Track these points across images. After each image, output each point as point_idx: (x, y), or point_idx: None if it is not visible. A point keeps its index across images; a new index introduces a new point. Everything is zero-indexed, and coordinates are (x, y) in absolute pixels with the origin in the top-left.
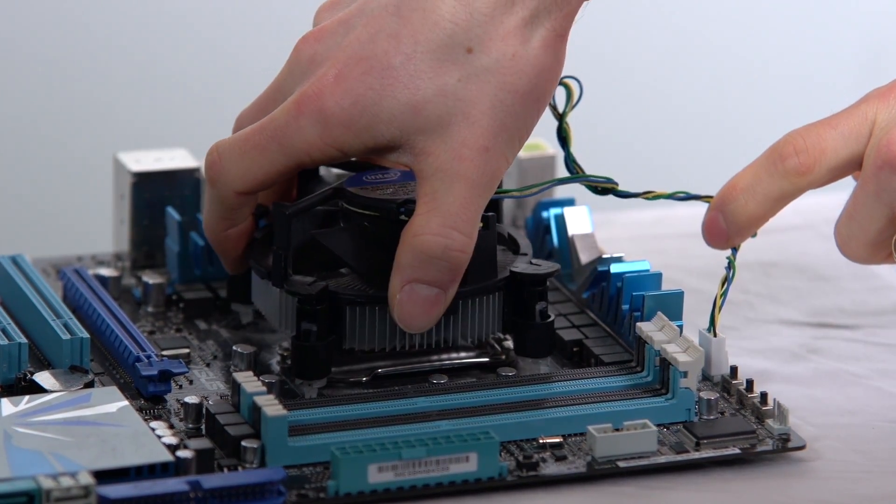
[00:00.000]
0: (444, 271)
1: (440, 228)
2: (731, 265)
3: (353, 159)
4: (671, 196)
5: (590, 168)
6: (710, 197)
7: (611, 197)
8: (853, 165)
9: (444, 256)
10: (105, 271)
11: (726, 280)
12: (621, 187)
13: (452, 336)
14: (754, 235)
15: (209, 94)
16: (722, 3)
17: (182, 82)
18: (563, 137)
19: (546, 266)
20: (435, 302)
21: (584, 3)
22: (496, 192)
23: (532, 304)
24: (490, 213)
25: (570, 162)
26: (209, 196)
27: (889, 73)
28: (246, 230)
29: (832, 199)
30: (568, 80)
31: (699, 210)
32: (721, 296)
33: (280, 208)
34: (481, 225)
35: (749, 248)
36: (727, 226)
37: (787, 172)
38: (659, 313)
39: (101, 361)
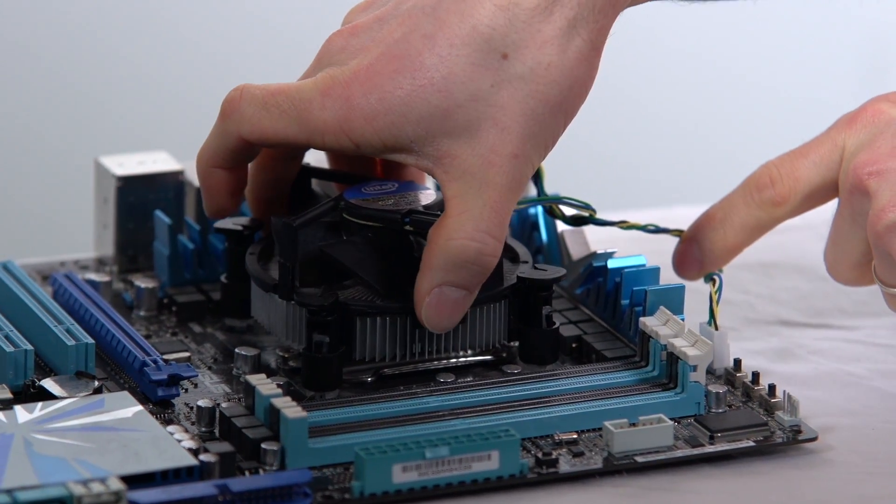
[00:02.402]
0: (475, 275)
1: (474, 233)
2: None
3: (337, 170)
4: (643, 228)
5: (574, 189)
6: (680, 231)
7: (608, 198)
8: (828, 192)
9: (477, 261)
10: (95, 276)
11: (714, 283)
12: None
13: (460, 344)
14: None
15: (187, 96)
16: (719, 14)
17: (160, 85)
18: (537, 173)
19: (552, 271)
20: (462, 303)
21: (619, 16)
22: None
23: (538, 309)
24: None
25: (542, 197)
26: (216, 128)
27: (888, 81)
28: (234, 177)
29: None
30: None
31: (699, 211)
32: (716, 292)
33: (285, 221)
34: None
35: (749, 248)
36: (703, 255)
37: (763, 203)
38: (661, 307)
39: (103, 367)
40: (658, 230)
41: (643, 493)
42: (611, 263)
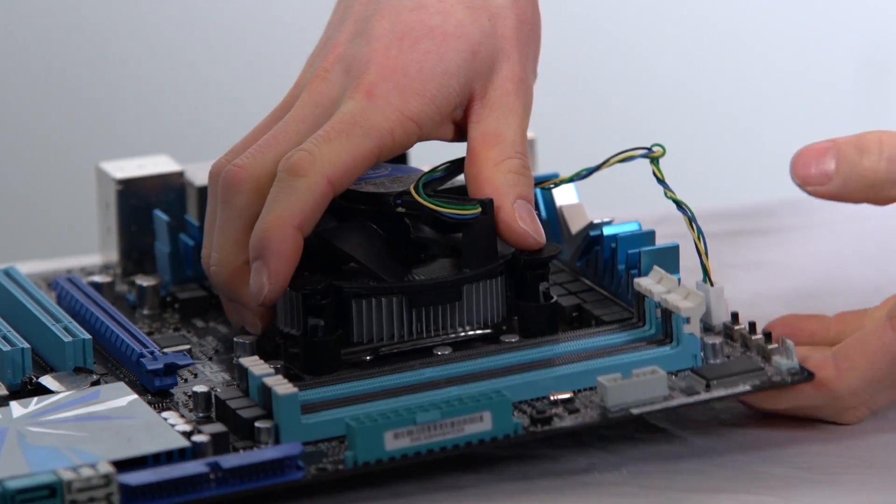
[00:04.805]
0: (531, 188)
1: (515, 153)
2: (679, 204)
3: None
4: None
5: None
6: (626, 153)
7: (613, 195)
8: None
9: (527, 174)
10: (98, 278)
11: (691, 221)
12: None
13: (459, 322)
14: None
15: (189, 102)
16: (718, 3)
17: (163, 90)
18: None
19: (548, 248)
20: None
21: None
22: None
23: (535, 285)
24: (489, 199)
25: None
26: (291, 190)
27: (887, 73)
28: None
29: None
30: None
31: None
32: (699, 238)
33: None
34: (479, 210)
35: (748, 248)
36: (840, 174)
37: None
38: (655, 267)
39: (103, 363)
40: (591, 171)
41: (643, 492)
42: (606, 230)
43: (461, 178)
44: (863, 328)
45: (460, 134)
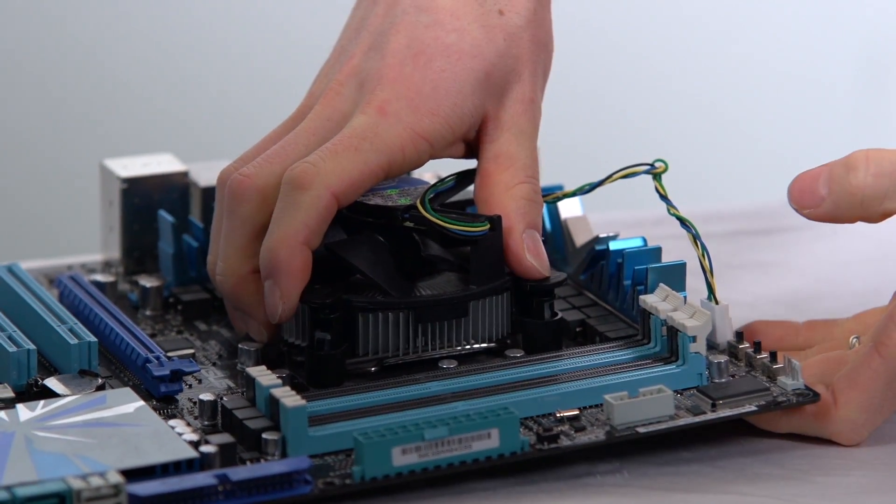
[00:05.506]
0: (540, 214)
1: (527, 178)
2: (684, 222)
3: None
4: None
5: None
6: (632, 169)
7: (616, 197)
8: None
9: (538, 200)
10: (100, 277)
11: (695, 239)
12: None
13: (464, 336)
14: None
15: (192, 100)
16: (718, 3)
17: (165, 88)
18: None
19: (553, 276)
20: (541, 243)
21: None
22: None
23: (540, 306)
24: (497, 215)
25: None
26: (296, 204)
27: (887, 73)
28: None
29: None
30: None
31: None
32: (703, 256)
33: None
34: (487, 226)
35: (749, 249)
36: (831, 193)
37: None
38: (661, 284)
39: (107, 365)
40: (594, 186)
41: (644, 493)
42: (612, 245)
43: (467, 190)
44: (832, 337)
45: (470, 152)
